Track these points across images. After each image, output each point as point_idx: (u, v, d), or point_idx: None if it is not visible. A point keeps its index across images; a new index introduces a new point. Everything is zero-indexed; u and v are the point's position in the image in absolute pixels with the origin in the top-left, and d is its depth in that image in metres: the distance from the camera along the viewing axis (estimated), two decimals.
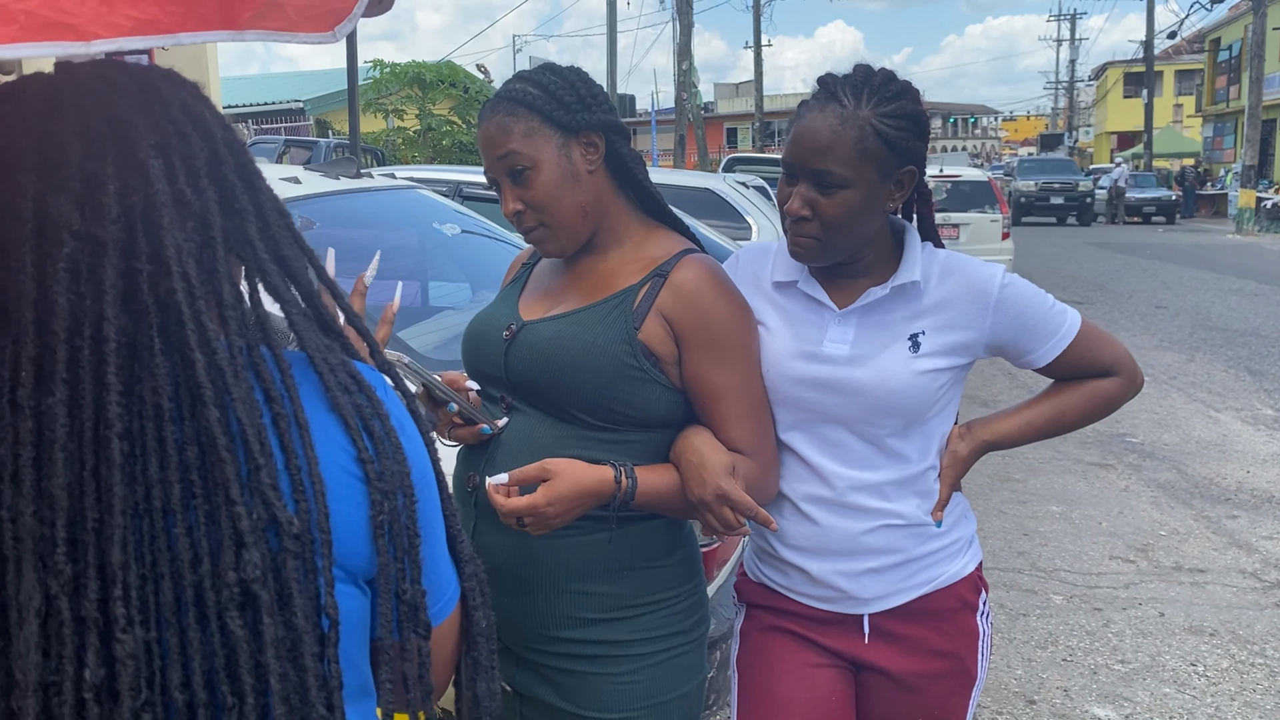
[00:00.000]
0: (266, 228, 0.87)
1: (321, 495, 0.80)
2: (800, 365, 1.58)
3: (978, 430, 1.65)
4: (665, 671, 1.58)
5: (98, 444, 0.74)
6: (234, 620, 0.75)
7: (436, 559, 0.94)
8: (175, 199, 0.80)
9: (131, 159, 0.79)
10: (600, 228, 1.60)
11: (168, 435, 0.76)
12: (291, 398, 0.82)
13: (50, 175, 0.77)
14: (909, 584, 1.62)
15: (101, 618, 0.73)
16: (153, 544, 0.74)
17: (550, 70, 1.59)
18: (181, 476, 0.76)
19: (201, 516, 0.76)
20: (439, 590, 0.95)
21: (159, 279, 0.78)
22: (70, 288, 0.75)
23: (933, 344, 1.56)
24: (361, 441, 0.85)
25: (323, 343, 0.88)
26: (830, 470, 1.60)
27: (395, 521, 0.86)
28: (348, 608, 0.85)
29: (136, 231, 0.78)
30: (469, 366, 1.67)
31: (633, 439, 1.54)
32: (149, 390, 0.76)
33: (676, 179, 8.65)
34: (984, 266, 1.60)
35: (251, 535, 0.76)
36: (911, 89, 1.51)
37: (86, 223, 0.76)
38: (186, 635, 0.75)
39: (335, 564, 0.82)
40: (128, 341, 0.76)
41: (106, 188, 0.77)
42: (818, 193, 1.49)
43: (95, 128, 0.79)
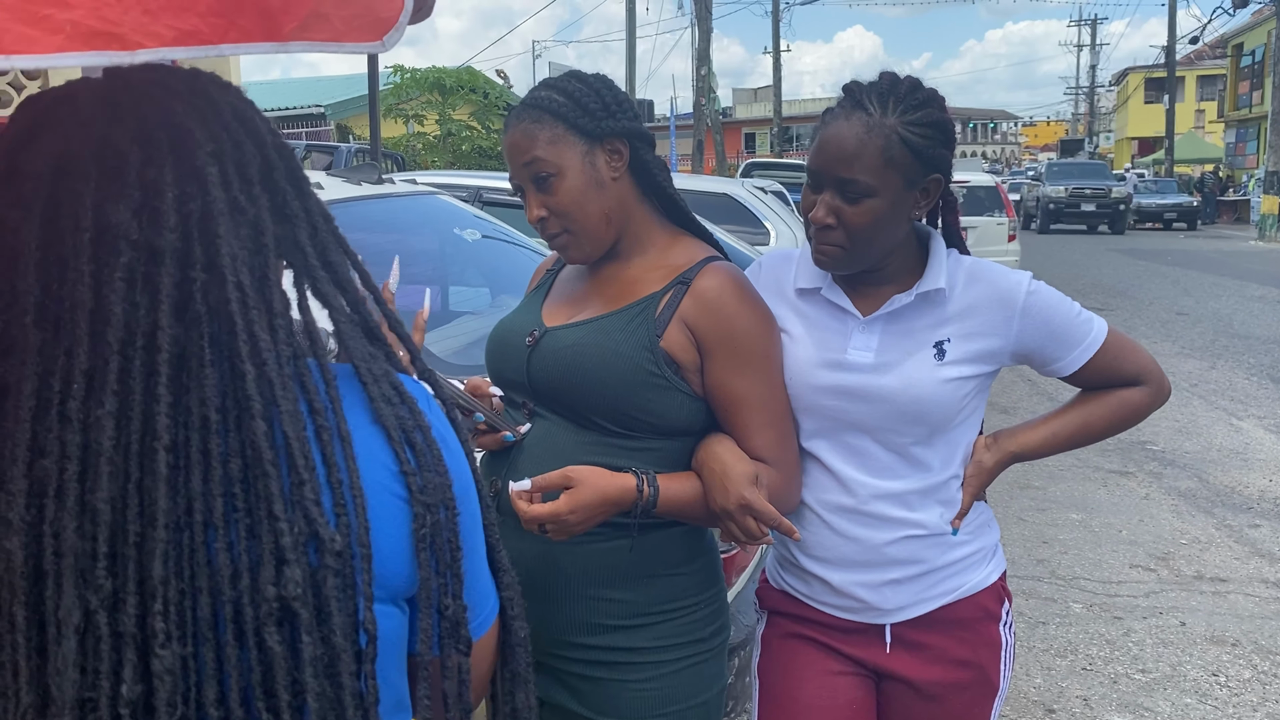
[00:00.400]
0: (315, 233, 0.87)
1: (363, 510, 0.80)
2: (824, 373, 1.58)
3: (1004, 441, 1.64)
4: (684, 679, 1.58)
5: (143, 456, 0.73)
6: (272, 636, 0.74)
7: (478, 573, 0.93)
8: (231, 206, 0.80)
9: (189, 166, 0.79)
10: (624, 235, 1.61)
11: (213, 448, 0.75)
12: (335, 410, 0.82)
13: (109, 183, 0.77)
14: (931, 594, 1.61)
15: (140, 633, 0.72)
16: (192, 558, 0.74)
17: (576, 77, 1.59)
18: (224, 490, 0.75)
19: (242, 531, 0.75)
20: (480, 604, 0.93)
21: (212, 288, 0.77)
22: (126, 297, 0.75)
23: (958, 351, 1.56)
24: (404, 454, 0.84)
25: (367, 352, 0.87)
26: (853, 479, 1.59)
27: (437, 536, 0.85)
28: (386, 627, 0.84)
29: (193, 240, 0.77)
30: (492, 372, 1.67)
31: (654, 446, 1.54)
32: (196, 402, 0.75)
33: (694, 184, 8.65)
34: (1010, 273, 1.59)
35: (293, 551, 0.75)
36: (937, 97, 1.51)
37: (144, 231, 0.76)
38: (224, 651, 0.74)
39: (375, 582, 0.81)
40: (179, 352, 0.76)
41: (165, 196, 0.77)
42: (843, 201, 1.49)
43: (154, 134, 0.79)
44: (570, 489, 1.42)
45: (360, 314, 0.89)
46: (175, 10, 0.72)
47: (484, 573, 0.95)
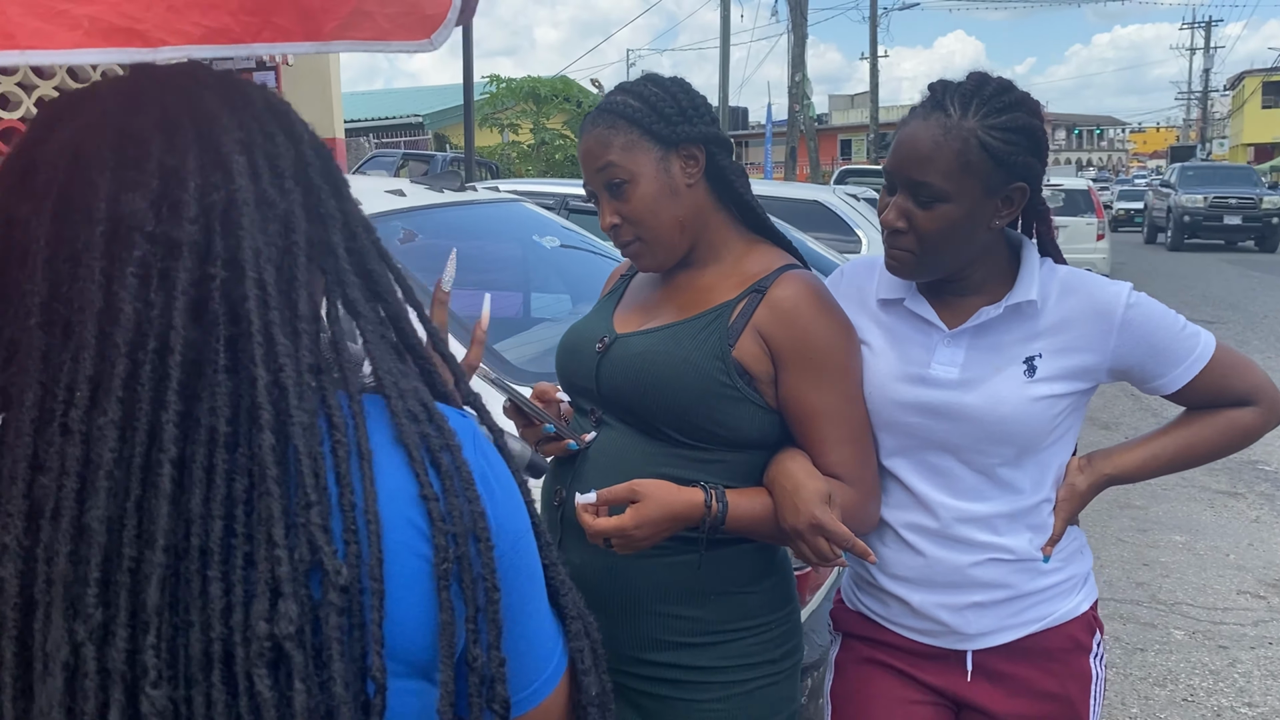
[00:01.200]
0: (353, 238, 0.80)
1: (377, 539, 0.70)
2: (905, 388, 1.51)
3: (1099, 463, 1.55)
4: (754, 701, 1.53)
5: (146, 471, 0.67)
6: (262, 681, 0.66)
7: (535, 624, 0.82)
8: (259, 199, 0.73)
9: (215, 153, 0.73)
10: (699, 242, 1.57)
11: (218, 463, 0.68)
12: (357, 425, 0.73)
13: (127, 172, 0.71)
14: (1016, 621, 1.53)
15: (129, 670, 0.65)
16: (188, 588, 0.66)
17: (652, 82, 1.56)
18: (225, 511, 0.67)
19: (240, 560, 0.67)
20: (538, 665, 0.82)
21: (232, 286, 0.70)
22: (138, 295, 0.68)
23: (1050, 368, 1.47)
24: (425, 476, 0.74)
25: (397, 368, 0.79)
26: (936, 500, 1.52)
27: (465, 572, 0.74)
28: (407, 705, 0.74)
29: (214, 233, 0.71)
30: (562, 378, 1.65)
31: (725, 459, 1.49)
32: (206, 411, 0.68)
33: (785, 191, 8.59)
34: (1109, 285, 1.50)
35: (290, 583, 0.67)
36: (1029, 101, 1.43)
37: (162, 223, 0.70)
38: (213, 694, 0.66)
39: (392, 654, 0.71)
40: (193, 356, 0.69)
41: (186, 184, 0.71)
42: (915, 205, 1.43)
43: (178, 121, 0.73)
44: (636, 503, 1.38)
45: (398, 328, 0.82)
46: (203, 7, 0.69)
47: (544, 633, 0.83)
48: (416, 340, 0.84)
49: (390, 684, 0.71)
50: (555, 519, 1.58)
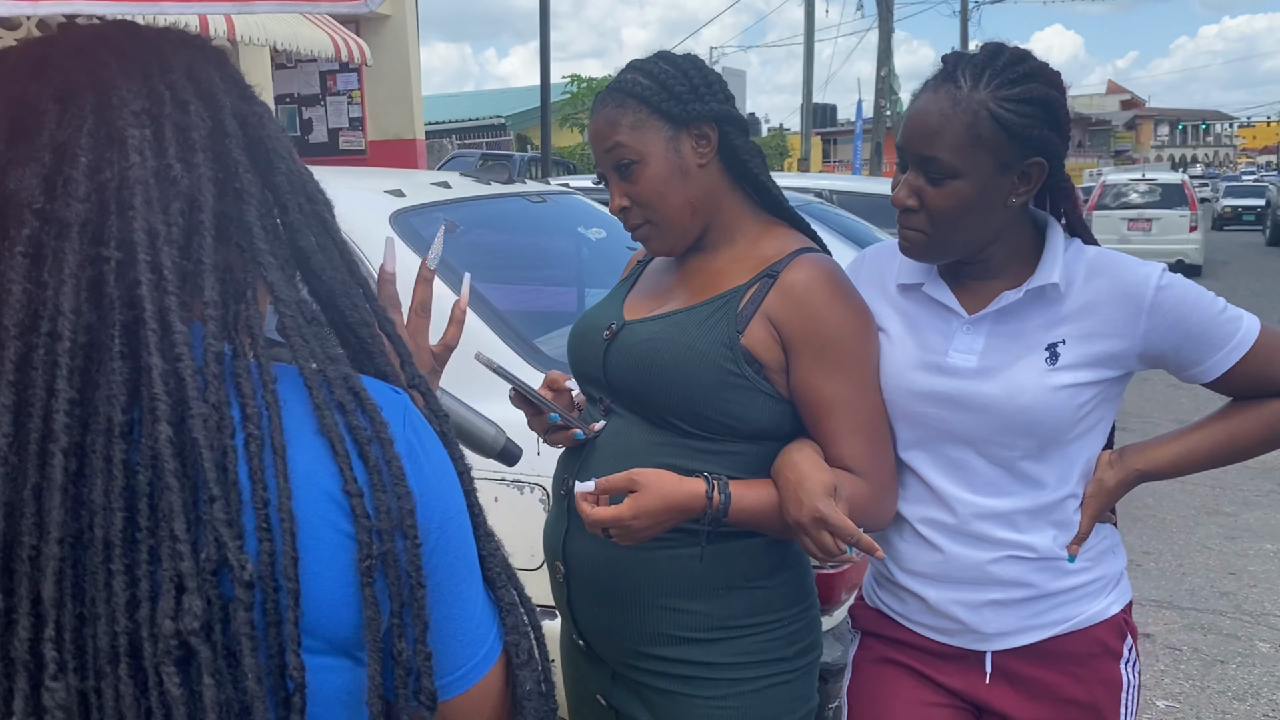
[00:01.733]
0: (283, 213, 0.77)
1: (291, 535, 0.68)
2: (921, 377, 1.44)
3: (1130, 458, 1.45)
4: (765, 699, 1.48)
5: (42, 459, 0.65)
6: (170, 677, 0.64)
7: (461, 614, 0.80)
8: (159, 175, 0.70)
9: (110, 127, 0.69)
10: (712, 225, 1.52)
11: (116, 453, 0.65)
12: (271, 416, 0.70)
13: (20, 145, 0.68)
14: (1038, 622, 1.45)
15: (33, 660, 0.64)
16: (93, 580, 0.65)
17: (664, 59, 1.52)
18: (127, 503, 0.65)
19: (145, 552, 0.65)
20: (464, 652, 0.80)
21: (127, 269, 0.67)
22: (28, 276, 0.66)
23: (1074, 355, 1.39)
24: (350, 471, 0.71)
25: (323, 352, 0.75)
26: (953, 495, 1.45)
27: (390, 568, 0.72)
28: (328, 682, 0.73)
29: (108, 212, 0.68)
30: (573, 366, 1.62)
31: (734, 450, 1.44)
32: (103, 399, 0.66)
33: (865, 186, 8.46)
34: (1138, 265, 1.40)
35: (194, 579, 0.65)
36: (1048, 71, 1.35)
37: (52, 200, 0.67)
38: (120, 689, 0.65)
39: (311, 631, 0.70)
40: (88, 341, 0.67)
41: (78, 160, 0.68)
42: (926, 182, 1.35)
43: (77, 92, 0.70)
44: (634, 493, 1.34)
45: (336, 308, 0.79)
46: None
47: (475, 615, 0.81)
48: (357, 318, 0.81)
49: (309, 660, 0.70)
50: (563, 508, 1.55)
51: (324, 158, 9.74)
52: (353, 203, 2.55)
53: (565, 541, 1.53)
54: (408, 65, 9.90)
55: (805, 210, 5.89)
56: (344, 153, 9.87)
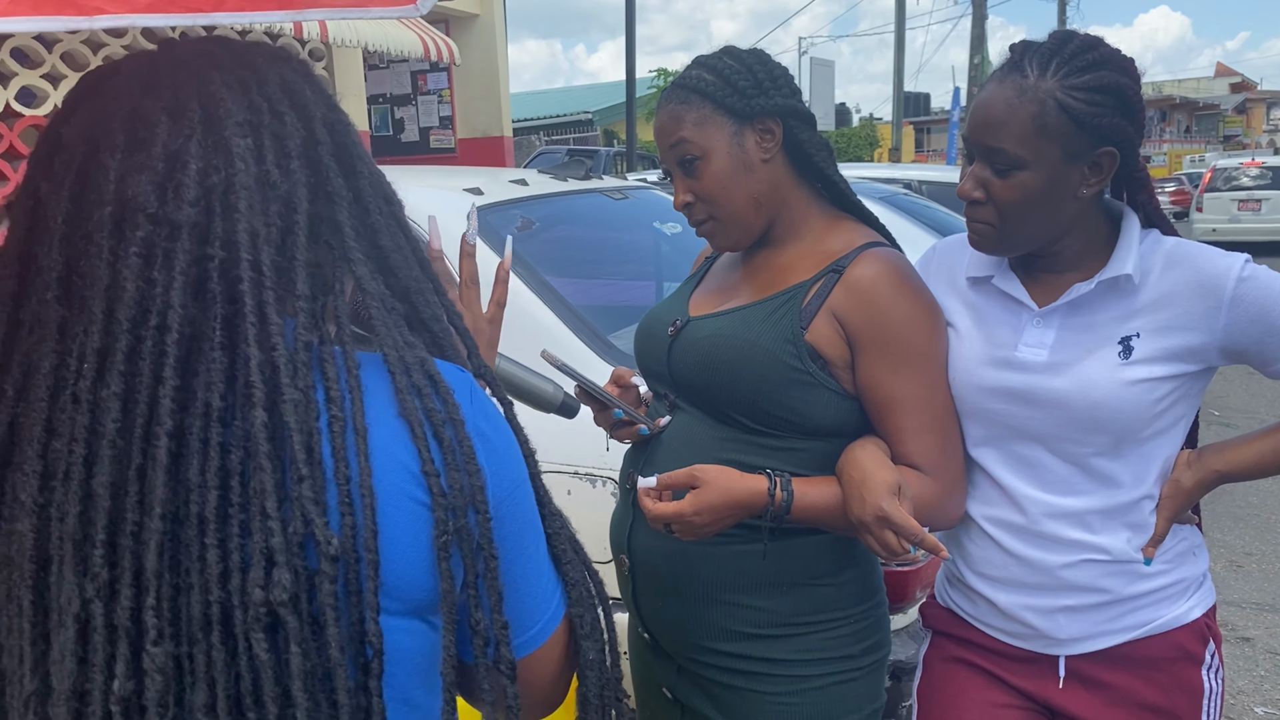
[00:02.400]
0: (365, 214, 0.83)
1: (371, 510, 0.74)
2: (991, 373, 1.41)
3: (1209, 458, 1.40)
4: (831, 696, 1.47)
5: (146, 442, 0.70)
6: (259, 644, 0.69)
7: (528, 581, 0.86)
8: (260, 181, 0.76)
9: (218, 137, 0.75)
10: (777, 220, 1.51)
11: (213, 437, 0.71)
12: (354, 399, 0.76)
13: (135, 155, 0.74)
14: (1114, 627, 1.41)
15: (134, 627, 0.69)
16: (188, 553, 0.70)
17: (728, 54, 1.51)
18: (221, 482, 0.71)
19: (236, 527, 0.71)
20: (530, 616, 0.86)
21: (230, 266, 0.74)
22: (141, 274, 0.72)
23: (1149, 348, 1.34)
24: (427, 452, 0.77)
25: (403, 340, 0.81)
26: (1023, 494, 1.41)
27: (465, 542, 0.78)
28: (405, 643, 0.78)
29: (214, 215, 0.74)
30: (638, 361, 1.63)
31: (798, 446, 1.43)
32: (202, 386, 0.71)
33: (956, 177, 8.26)
34: (1220, 256, 1.35)
35: (284, 553, 0.70)
36: (1119, 58, 1.30)
37: (164, 205, 0.73)
38: (212, 655, 0.70)
39: (390, 594, 0.76)
40: (191, 334, 0.72)
41: (189, 168, 0.74)
42: (992, 174, 1.32)
43: (185, 105, 0.76)
44: (696, 489, 1.35)
45: (409, 303, 0.85)
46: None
47: (541, 581, 0.87)
48: (430, 313, 0.87)
49: (385, 622, 0.75)
50: (628, 503, 1.56)
51: (415, 156, 9.93)
52: (432, 201, 2.60)
53: (630, 536, 1.54)
54: (495, 64, 10.03)
55: (891, 202, 5.82)
56: (435, 151, 10.05)
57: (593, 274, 2.95)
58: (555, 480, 2.21)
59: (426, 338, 0.87)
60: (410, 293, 0.86)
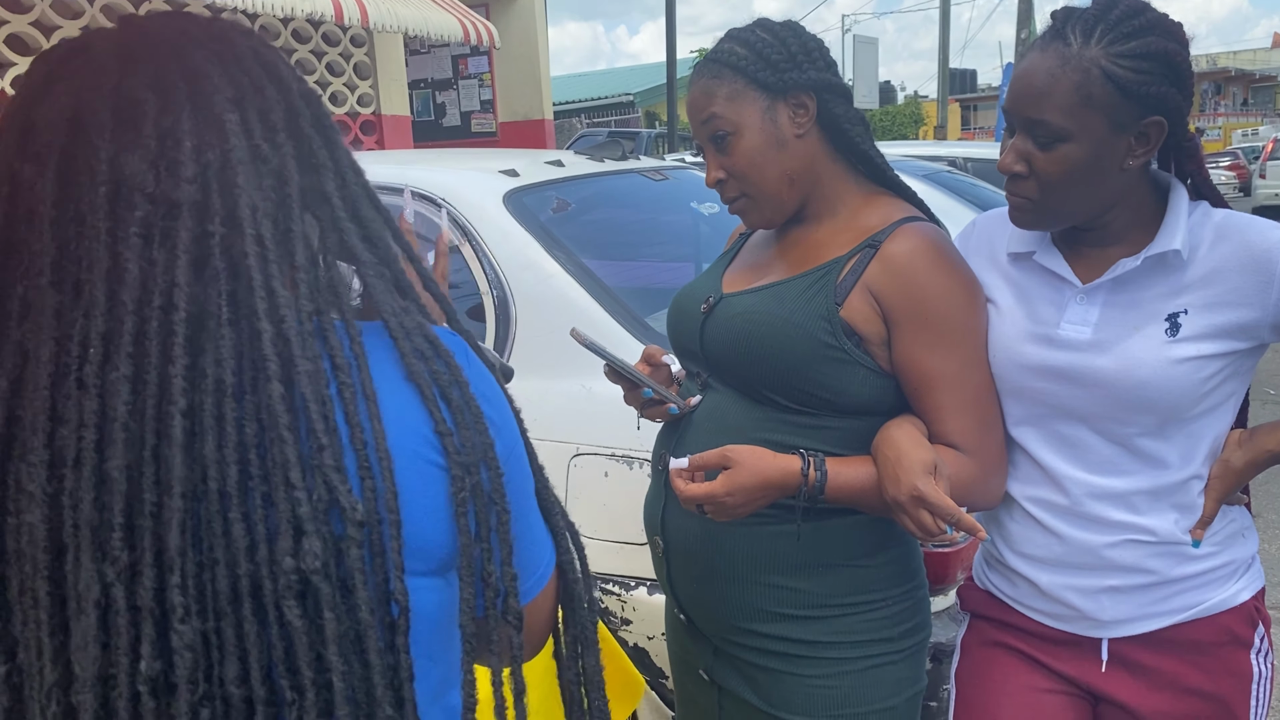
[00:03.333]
0: (344, 185, 0.82)
1: (389, 473, 0.75)
2: (1032, 350, 1.38)
3: (1262, 437, 1.34)
4: (868, 680, 1.45)
5: (159, 421, 0.70)
6: (292, 611, 0.70)
7: (529, 532, 0.89)
8: (252, 155, 0.76)
9: (208, 113, 0.75)
10: (812, 196, 1.48)
11: (227, 412, 0.71)
12: (360, 366, 0.77)
13: (125, 134, 0.73)
14: (1159, 609, 1.37)
15: (158, 607, 0.69)
16: (210, 529, 0.71)
17: (761, 27, 1.48)
18: (239, 457, 0.71)
19: (259, 500, 0.71)
20: (531, 565, 0.90)
21: (232, 242, 0.73)
22: (142, 254, 0.71)
23: (1197, 325, 1.30)
24: (439, 413, 0.79)
25: (399, 306, 0.82)
26: (1065, 474, 1.38)
27: (479, 499, 0.80)
28: (427, 600, 0.80)
29: (212, 191, 0.73)
30: (672, 340, 1.61)
31: (832, 425, 1.41)
32: (212, 363, 0.71)
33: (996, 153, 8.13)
34: (1271, 228, 1.29)
35: (311, 522, 0.71)
36: (1167, 23, 1.25)
37: (161, 184, 0.72)
38: (243, 627, 0.71)
39: (411, 554, 0.77)
40: (197, 311, 0.72)
41: (183, 145, 0.73)
42: (1035, 146, 1.28)
43: (170, 81, 0.75)
44: (728, 470, 1.33)
45: (392, 270, 0.84)
46: None
47: (536, 532, 0.91)
48: (407, 280, 0.87)
49: (410, 582, 0.76)
50: (660, 484, 1.55)
51: (457, 140, 9.96)
52: (468, 183, 2.60)
53: (664, 517, 1.53)
54: (535, 46, 10.02)
55: (935, 180, 5.73)
56: (476, 135, 10.07)
57: (630, 255, 2.93)
58: (593, 461, 2.21)
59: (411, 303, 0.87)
60: (390, 261, 0.86)
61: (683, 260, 3.13)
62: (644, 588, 2.07)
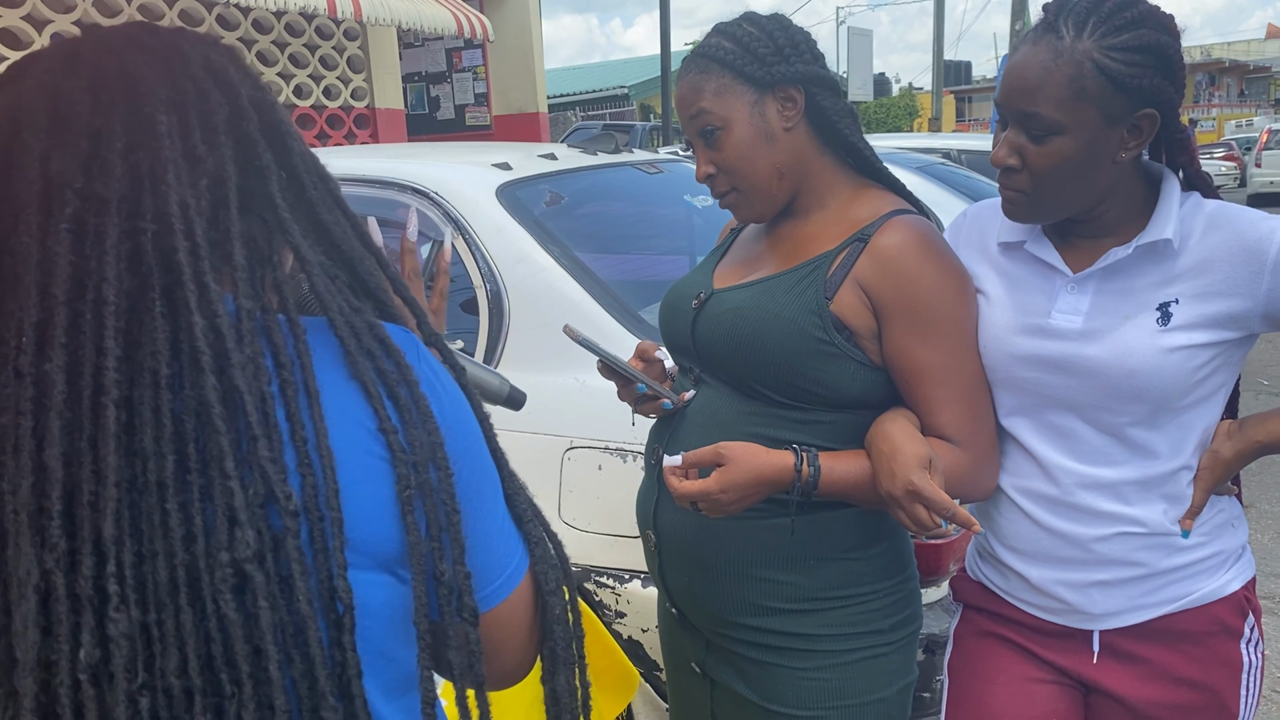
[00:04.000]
0: (300, 189, 0.84)
1: (331, 470, 0.75)
2: (1023, 340, 1.38)
3: (1251, 428, 1.35)
4: (860, 672, 1.45)
5: (94, 412, 0.71)
6: (227, 603, 0.71)
7: (490, 534, 0.88)
8: (187, 155, 0.77)
9: (140, 114, 0.76)
10: (801, 189, 1.49)
11: (164, 403, 0.72)
12: (303, 363, 0.77)
13: (58, 133, 0.75)
14: (1149, 600, 1.38)
15: (97, 595, 0.70)
16: (149, 520, 0.71)
17: (748, 20, 1.48)
18: (176, 448, 0.72)
19: (196, 491, 0.72)
20: (494, 568, 0.88)
21: (163, 238, 0.74)
22: (73, 249, 0.73)
23: (1188, 314, 1.30)
24: (384, 410, 0.79)
25: (349, 305, 0.83)
26: (1056, 464, 1.38)
27: (427, 497, 0.80)
28: (377, 596, 0.79)
29: (143, 189, 0.75)
30: (663, 335, 1.61)
31: (824, 419, 1.41)
32: (148, 355, 0.72)
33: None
34: (1263, 219, 1.30)
35: (246, 512, 0.72)
36: (1158, 15, 1.26)
37: (90, 180, 0.74)
38: (180, 619, 0.71)
39: (358, 549, 0.77)
40: (129, 305, 0.73)
41: (113, 144, 0.75)
42: (1028, 139, 1.28)
43: (107, 83, 0.77)
44: (722, 466, 1.33)
45: (354, 272, 0.86)
46: None
47: (501, 534, 0.89)
48: (375, 282, 0.88)
49: (355, 576, 0.76)
50: (653, 478, 1.55)
51: (451, 134, 9.95)
52: (461, 177, 2.59)
53: (656, 511, 1.53)
54: (530, 40, 10.00)
55: (928, 172, 5.73)
56: (470, 128, 10.05)
57: (624, 249, 2.93)
58: (587, 455, 2.21)
59: (373, 305, 0.88)
60: (354, 263, 0.87)
61: (677, 253, 3.13)
62: (638, 580, 2.07)
